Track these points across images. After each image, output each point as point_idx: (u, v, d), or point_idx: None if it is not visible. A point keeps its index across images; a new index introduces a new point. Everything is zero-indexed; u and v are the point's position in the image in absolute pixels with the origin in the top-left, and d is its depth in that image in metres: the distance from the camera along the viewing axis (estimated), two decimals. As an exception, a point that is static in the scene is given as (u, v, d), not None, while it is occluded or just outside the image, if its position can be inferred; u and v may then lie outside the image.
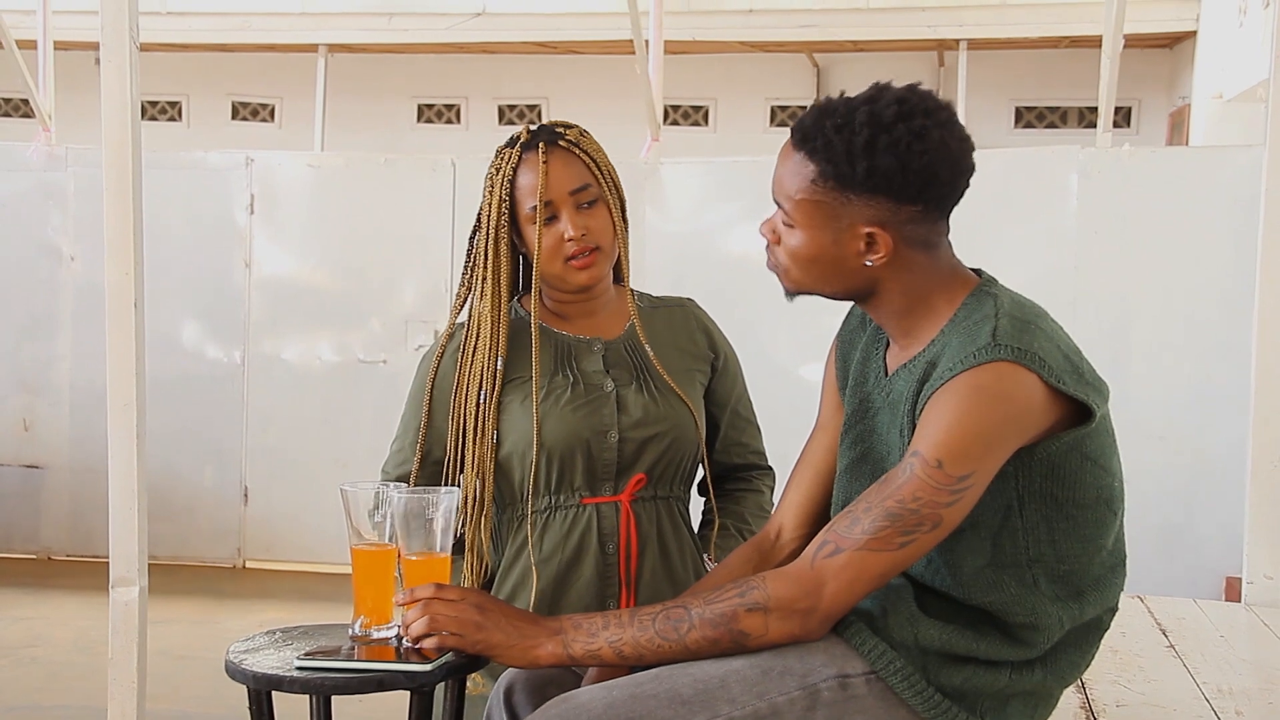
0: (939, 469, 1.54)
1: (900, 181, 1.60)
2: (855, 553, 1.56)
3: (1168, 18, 8.32)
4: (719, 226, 5.98)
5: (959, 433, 1.54)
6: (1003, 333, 1.57)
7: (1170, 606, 3.23)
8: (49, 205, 6.54)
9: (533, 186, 2.13)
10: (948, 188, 1.63)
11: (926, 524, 1.55)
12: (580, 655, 1.64)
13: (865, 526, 1.57)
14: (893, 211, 1.62)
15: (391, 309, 6.38)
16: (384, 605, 1.85)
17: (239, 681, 1.79)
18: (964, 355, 1.57)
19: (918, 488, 1.55)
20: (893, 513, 1.56)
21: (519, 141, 2.18)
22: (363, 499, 1.86)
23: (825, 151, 1.63)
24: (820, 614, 1.58)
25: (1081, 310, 5.06)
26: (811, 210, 1.65)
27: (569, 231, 2.13)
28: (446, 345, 2.22)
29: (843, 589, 1.57)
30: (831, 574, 1.57)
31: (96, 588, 3.32)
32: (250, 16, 9.31)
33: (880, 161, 1.59)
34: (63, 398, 6.53)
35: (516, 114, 10.29)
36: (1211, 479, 5.07)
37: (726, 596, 1.60)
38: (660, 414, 2.16)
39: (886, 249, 1.63)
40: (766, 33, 8.96)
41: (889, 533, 1.56)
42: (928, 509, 1.55)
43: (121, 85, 2.69)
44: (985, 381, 1.55)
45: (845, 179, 1.61)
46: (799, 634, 1.59)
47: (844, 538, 1.58)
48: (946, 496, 1.54)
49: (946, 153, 1.61)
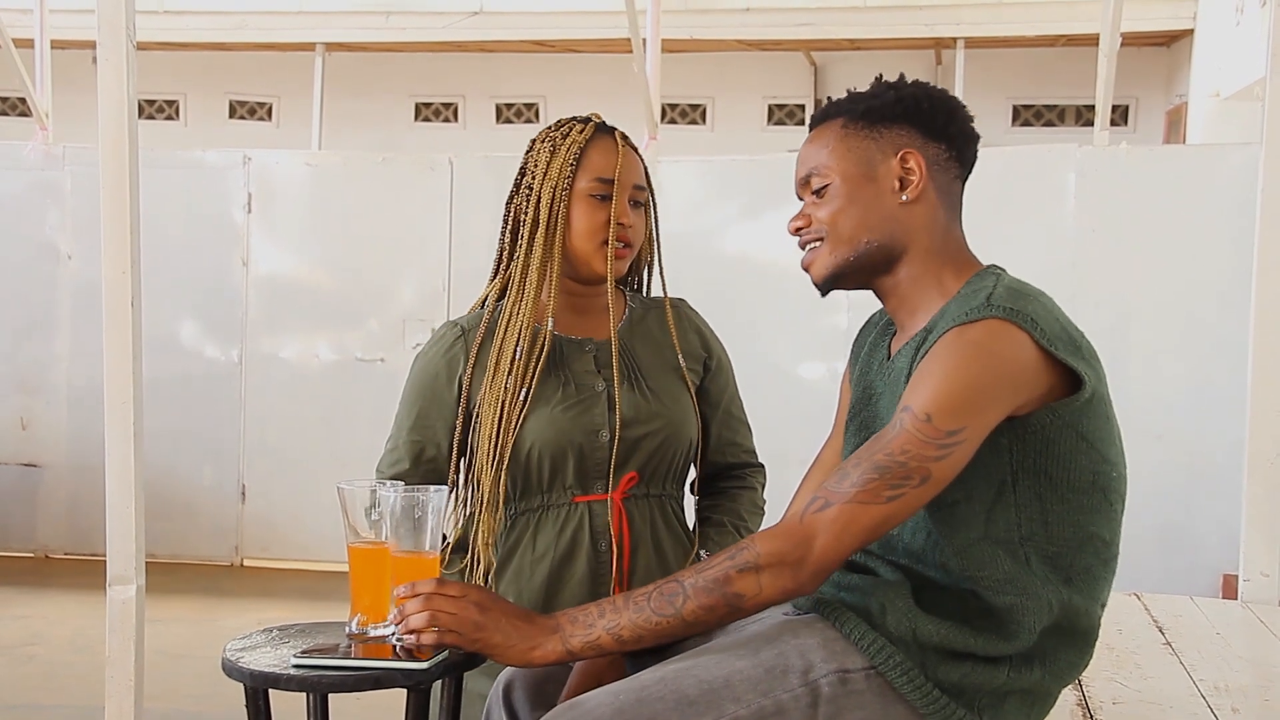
0: (928, 423, 1.55)
1: (927, 108, 1.73)
2: (844, 505, 1.57)
3: (1165, 16, 8.32)
4: (717, 225, 5.98)
5: (947, 387, 1.55)
6: (998, 296, 1.60)
7: (1167, 604, 3.23)
8: (46, 204, 6.55)
9: (605, 165, 2.16)
10: (963, 129, 1.75)
11: (914, 478, 1.55)
12: (579, 648, 1.63)
13: (854, 479, 1.57)
14: (922, 142, 1.73)
15: (389, 308, 6.39)
16: (381, 603, 1.86)
17: (236, 680, 1.79)
18: (957, 315, 1.60)
19: (906, 441, 1.56)
20: (881, 465, 1.56)
21: (590, 122, 2.21)
22: (359, 497, 1.86)
23: (850, 102, 1.76)
24: (811, 566, 1.58)
25: (1079, 308, 5.03)
26: (845, 154, 1.74)
27: (624, 217, 2.14)
28: (439, 344, 2.22)
29: (832, 541, 1.57)
30: (821, 527, 1.57)
31: (94, 586, 3.32)
32: (248, 15, 9.31)
33: (906, 91, 1.74)
34: (60, 396, 6.53)
35: (514, 112, 10.29)
36: (1209, 476, 5.08)
37: (717, 562, 1.60)
38: (652, 412, 2.17)
39: (920, 172, 1.71)
40: (764, 31, 8.96)
41: (876, 485, 1.56)
42: (915, 462, 1.55)
43: (118, 84, 2.69)
44: (976, 337, 1.57)
45: (874, 111, 1.73)
46: (791, 588, 1.59)
47: (833, 492, 1.58)
48: (935, 450, 1.55)
49: (956, 101, 1.76)
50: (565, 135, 2.19)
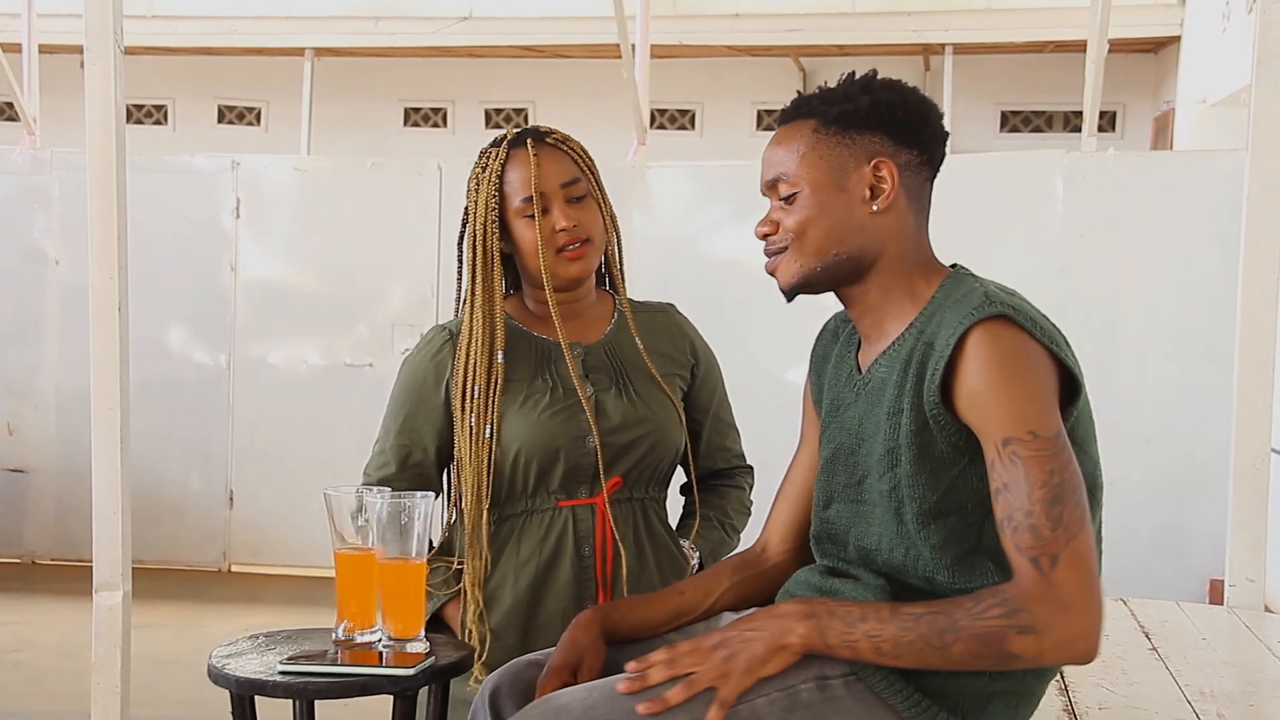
0: (1035, 439, 1.52)
1: (901, 115, 1.68)
2: (1069, 551, 1.49)
3: (1152, 23, 8.34)
4: (706, 230, 5.98)
5: (1021, 401, 1.53)
6: (993, 294, 1.60)
7: (1153, 609, 3.24)
8: (34, 209, 6.53)
9: (524, 180, 2.15)
10: (934, 134, 1.71)
11: (1072, 484, 1.52)
12: (835, 645, 1.56)
13: (1046, 524, 1.50)
14: (894, 149, 1.68)
15: (378, 313, 6.38)
16: (368, 609, 1.86)
17: (222, 686, 1.79)
18: (962, 316, 1.57)
19: (1038, 465, 1.51)
20: (1049, 498, 1.50)
21: (505, 140, 2.20)
22: (346, 503, 1.86)
23: (822, 102, 1.71)
24: (1086, 628, 1.49)
25: (1067, 314, 5.03)
26: (816, 161, 1.69)
27: (560, 222, 2.14)
28: (426, 348, 2.23)
29: (1083, 591, 1.49)
30: (1067, 584, 1.49)
31: (81, 592, 3.31)
32: (236, 20, 9.29)
33: (881, 96, 1.68)
34: (48, 401, 6.51)
35: (503, 118, 10.28)
36: (1196, 481, 5.09)
37: (989, 612, 1.51)
38: (639, 417, 2.17)
39: (893, 181, 1.67)
40: (752, 37, 8.96)
41: (1064, 512, 1.50)
42: (1064, 473, 1.51)
43: (106, 89, 2.69)
44: (1000, 344, 1.55)
45: (848, 116, 1.68)
46: (1082, 658, 1.52)
47: (1038, 545, 1.50)
48: (1064, 455, 1.52)
49: (930, 104, 1.72)
50: (485, 167, 2.19)
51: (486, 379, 2.14)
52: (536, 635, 2.12)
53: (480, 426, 2.13)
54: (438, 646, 1.92)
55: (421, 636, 1.89)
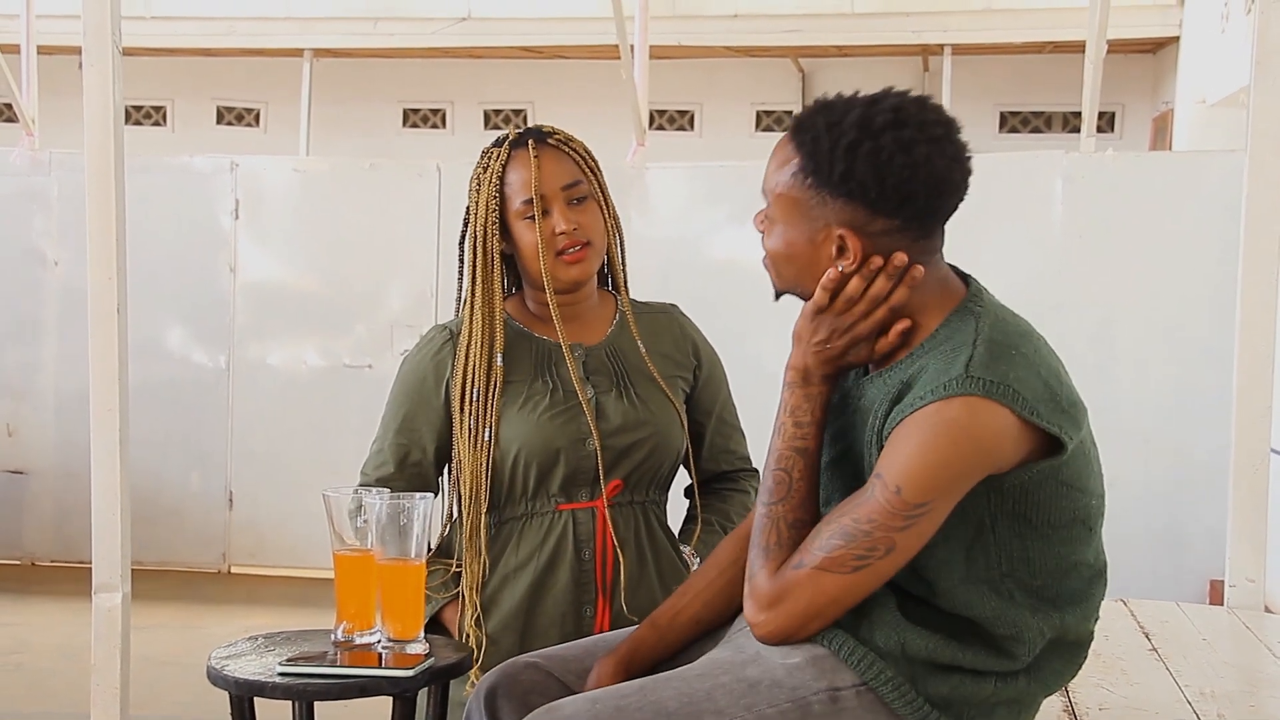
0: (897, 495, 1.53)
1: (876, 193, 1.57)
2: (813, 570, 1.58)
3: (1151, 23, 8.34)
4: (705, 231, 5.98)
5: (921, 463, 1.53)
6: (977, 363, 1.54)
7: (1153, 610, 3.24)
8: (33, 210, 6.52)
9: (524, 182, 2.14)
10: (926, 207, 1.60)
11: (880, 549, 1.54)
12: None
13: (822, 542, 1.58)
14: (867, 220, 1.59)
15: (377, 314, 6.37)
16: (367, 610, 1.86)
17: (221, 688, 1.79)
18: (936, 385, 1.55)
19: (873, 509, 1.55)
20: (848, 531, 1.56)
21: (507, 140, 2.19)
22: (345, 505, 1.86)
23: (811, 146, 1.61)
24: (772, 625, 1.61)
25: (1065, 314, 5.07)
26: (789, 206, 1.64)
27: (560, 225, 2.13)
28: (427, 347, 2.22)
29: (798, 609, 1.59)
30: (791, 590, 1.59)
31: (80, 593, 3.31)
32: (235, 21, 9.29)
33: (858, 167, 1.57)
34: (47, 403, 6.50)
35: (502, 119, 10.28)
36: (1196, 482, 5.08)
37: (754, 551, 1.65)
38: (639, 420, 2.17)
39: (856, 256, 1.60)
40: (752, 38, 8.96)
41: (843, 553, 1.56)
42: (880, 532, 1.54)
43: (104, 90, 2.69)
44: (955, 415, 1.52)
45: (823, 177, 1.60)
46: (752, 623, 1.63)
47: (806, 549, 1.60)
48: (900, 521, 1.53)
49: (930, 170, 1.57)
50: (486, 168, 2.19)
51: (485, 381, 2.14)
52: (534, 639, 2.11)
53: (479, 429, 2.13)
54: (437, 648, 1.92)
55: (421, 638, 1.89)
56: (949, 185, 1.60)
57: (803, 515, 1.64)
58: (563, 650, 1.86)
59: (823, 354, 1.65)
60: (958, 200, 1.63)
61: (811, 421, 1.66)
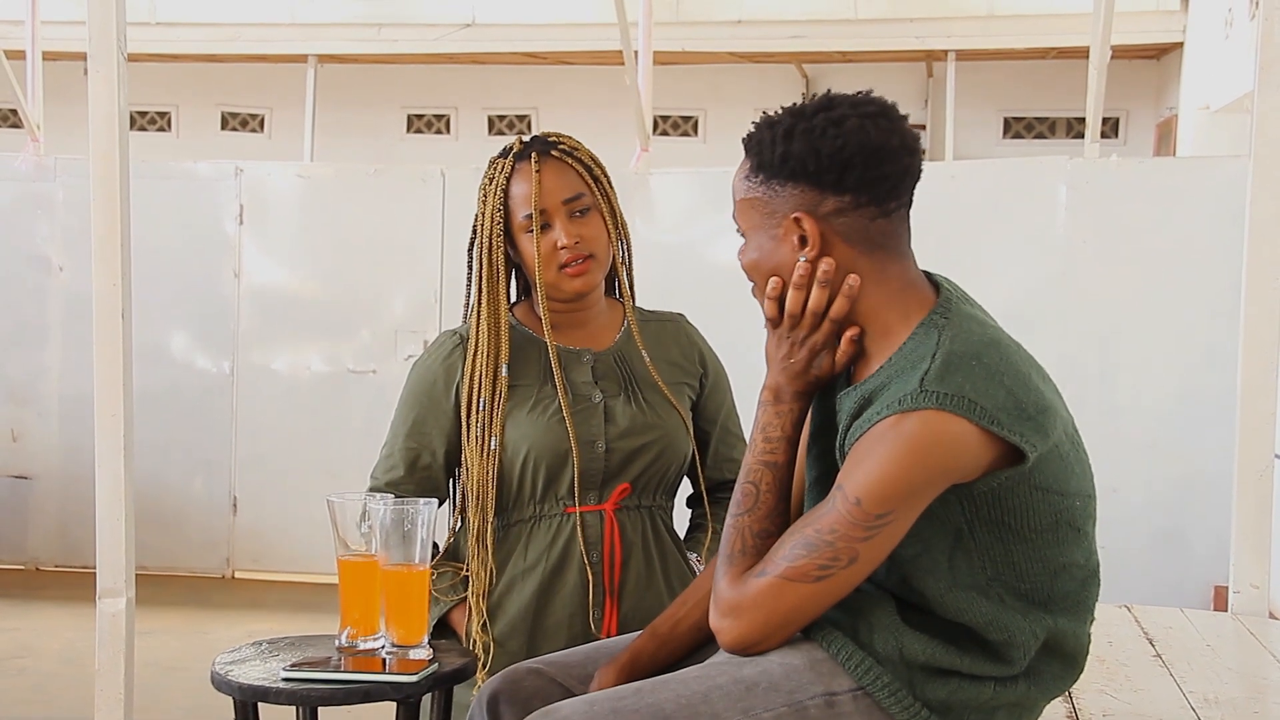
0: (857, 506, 1.54)
1: (814, 165, 1.61)
2: (775, 579, 1.58)
3: (1155, 29, 8.34)
4: (708, 237, 5.98)
5: (879, 476, 1.53)
6: (932, 377, 1.54)
7: (1157, 616, 3.23)
8: (37, 215, 6.53)
9: (526, 195, 2.15)
10: (868, 175, 1.60)
11: (842, 559, 1.55)
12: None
13: (785, 552, 1.58)
14: (817, 200, 1.62)
15: (381, 319, 6.38)
16: (371, 616, 1.86)
17: (225, 693, 1.79)
18: (892, 400, 1.55)
19: (835, 520, 1.55)
20: (810, 541, 1.56)
21: (512, 151, 2.20)
22: (349, 510, 1.87)
23: (755, 146, 1.67)
24: (735, 633, 1.61)
25: (1070, 320, 5.07)
26: (750, 210, 1.68)
27: (562, 240, 2.14)
28: (437, 351, 2.23)
29: (760, 618, 1.59)
30: (752, 599, 1.60)
31: (84, 599, 3.31)
32: (240, 27, 9.31)
33: (795, 147, 1.62)
34: (51, 408, 6.51)
35: (506, 124, 10.30)
36: (1200, 488, 5.08)
37: (722, 557, 1.67)
38: (648, 424, 2.17)
39: (814, 239, 1.62)
40: (755, 43, 8.97)
41: (805, 563, 1.56)
42: (843, 542, 1.54)
43: (109, 95, 2.69)
44: (911, 428, 1.53)
45: (768, 169, 1.64)
46: (716, 629, 1.64)
47: (770, 559, 1.60)
48: (862, 532, 1.54)
49: (863, 138, 1.60)
50: (491, 179, 2.20)
51: (492, 390, 2.14)
52: (542, 641, 2.12)
53: (486, 438, 2.13)
54: (441, 653, 1.92)
55: (425, 643, 1.89)
56: (887, 151, 1.61)
57: (769, 526, 1.65)
58: (565, 656, 1.87)
59: (789, 370, 1.70)
60: (902, 169, 1.63)
61: (781, 437, 1.68)
